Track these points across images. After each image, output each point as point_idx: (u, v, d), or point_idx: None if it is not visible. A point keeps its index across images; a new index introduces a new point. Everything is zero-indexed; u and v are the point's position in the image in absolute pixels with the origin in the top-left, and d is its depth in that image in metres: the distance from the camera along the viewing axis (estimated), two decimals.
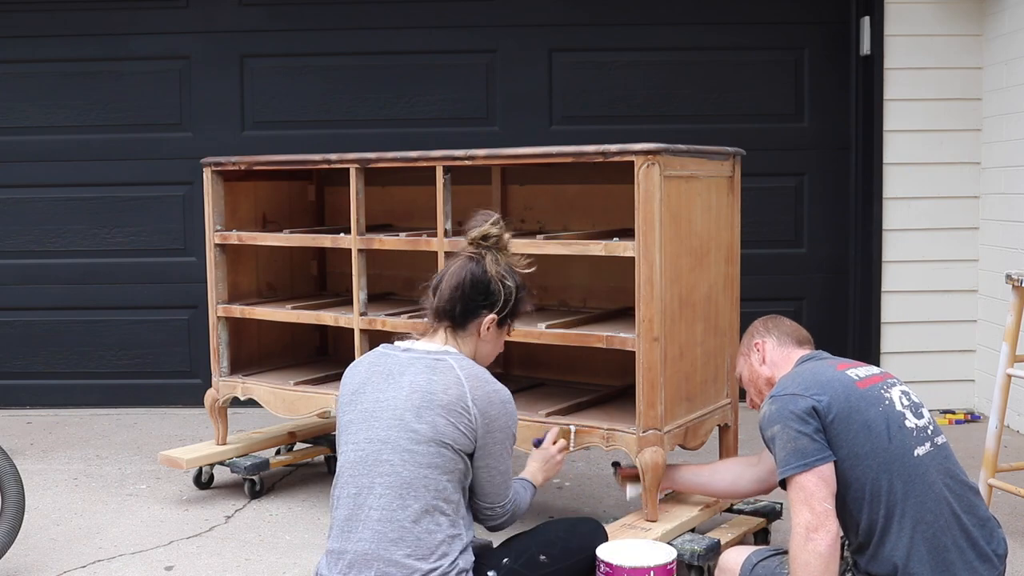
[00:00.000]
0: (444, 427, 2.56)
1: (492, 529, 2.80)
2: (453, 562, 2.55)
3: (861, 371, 2.58)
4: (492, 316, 2.74)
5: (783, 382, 2.59)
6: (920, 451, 2.45)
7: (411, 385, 2.62)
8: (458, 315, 2.73)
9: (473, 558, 2.63)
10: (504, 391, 2.68)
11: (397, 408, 2.60)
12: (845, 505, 2.44)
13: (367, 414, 2.64)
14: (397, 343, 2.78)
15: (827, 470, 2.41)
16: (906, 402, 2.53)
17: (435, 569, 2.52)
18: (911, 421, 2.49)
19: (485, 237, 2.79)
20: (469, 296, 2.73)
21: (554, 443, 3.21)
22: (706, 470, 3.38)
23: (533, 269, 2.86)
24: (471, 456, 2.63)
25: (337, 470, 2.69)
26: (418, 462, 2.55)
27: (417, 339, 2.79)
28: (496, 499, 2.72)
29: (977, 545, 2.42)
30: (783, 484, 2.46)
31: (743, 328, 3.15)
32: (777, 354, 2.81)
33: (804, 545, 2.35)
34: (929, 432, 2.51)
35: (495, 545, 2.81)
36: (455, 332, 2.75)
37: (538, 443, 3.24)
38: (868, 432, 2.43)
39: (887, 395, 2.52)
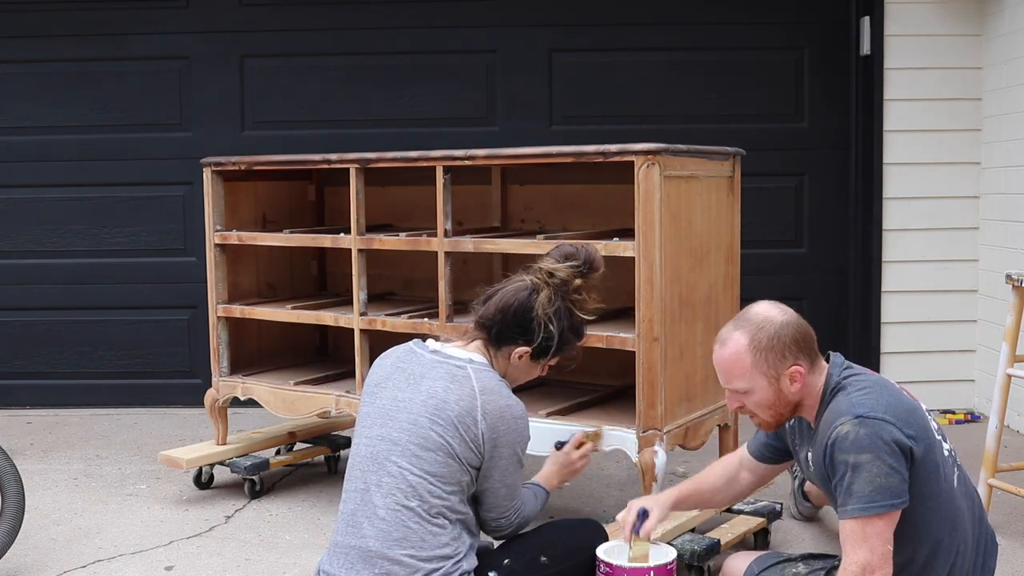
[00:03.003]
0: (452, 439, 2.57)
1: (496, 538, 2.79)
2: (457, 563, 2.55)
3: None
4: (526, 350, 2.71)
5: (861, 397, 2.33)
6: (955, 481, 2.40)
7: (429, 391, 2.61)
8: (494, 336, 2.72)
9: (476, 562, 2.63)
10: (518, 407, 2.65)
11: (413, 411, 2.61)
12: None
13: (384, 411, 2.65)
14: (428, 342, 2.76)
15: (899, 513, 2.28)
16: (935, 425, 2.43)
17: (437, 570, 2.52)
18: (945, 448, 2.41)
19: (552, 274, 2.73)
20: (510, 323, 2.70)
21: (578, 447, 3.05)
22: (694, 492, 2.91)
23: (595, 317, 2.80)
24: (478, 469, 2.63)
25: (349, 461, 2.70)
26: (424, 469, 2.56)
27: (450, 340, 2.78)
28: (500, 512, 2.70)
29: (979, 564, 2.43)
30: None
31: None
32: (810, 376, 2.46)
33: None
34: (955, 457, 2.45)
35: (496, 546, 2.81)
36: (490, 346, 2.74)
37: (560, 445, 3.07)
38: (936, 475, 2.32)
39: (933, 424, 2.40)
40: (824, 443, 2.35)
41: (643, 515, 2.74)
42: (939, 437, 2.41)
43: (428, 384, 2.62)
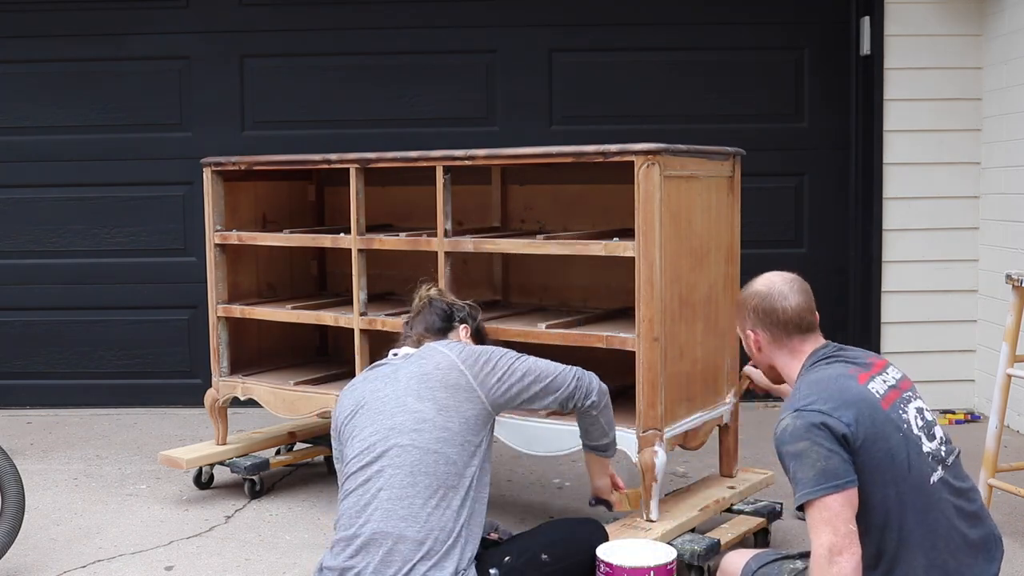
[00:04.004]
0: (445, 400, 2.69)
1: (592, 407, 3.02)
2: (458, 537, 2.57)
3: (880, 384, 2.46)
4: (466, 326, 3.19)
5: (805, 392, 2.42)
6: (934, 478, 2.40)
7: (407, 376, 2.77)
8: (437, 333, 3.09)
9: (480, 537, 2.65)
10: (488, 347, 2.95)
11: (398, 396, 2.73)
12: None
13: (372, 412, 2.70)
14: (389, 353, 2.99)
15: (853, 493, 2.31)
16: (921, 423, 2.45)
17: (445, 543, 2.54)
18: (927, 446, 2.42)
19: (418, 293, 3.27)
20: (439, 319, 3.15)
21: (615, 488, 3.29)
22: None
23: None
24: (490, 413, 2.77)
25: (345, 469, 2.72)
26: (425, 439, 2.63)
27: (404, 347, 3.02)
28: (559, 392, 2.93)
29: (979, 565, 2.43)
30: (802, 506, 2.36)
31: None
32: (775, 349, 2.61)
33: (828, 568, 2.25)
34: (942, 454, 2.45)
35: (498, 544, 2.82)
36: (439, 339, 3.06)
37: (595, 502, 3.34)
38: (891, 461, 2.35)
39: (906, 416, 2.43)
40: (774, 442, 2.42)
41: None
42: (918, 433, 2.42)
43: (404, 372, 2.81)
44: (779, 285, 2.61)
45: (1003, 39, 5.32)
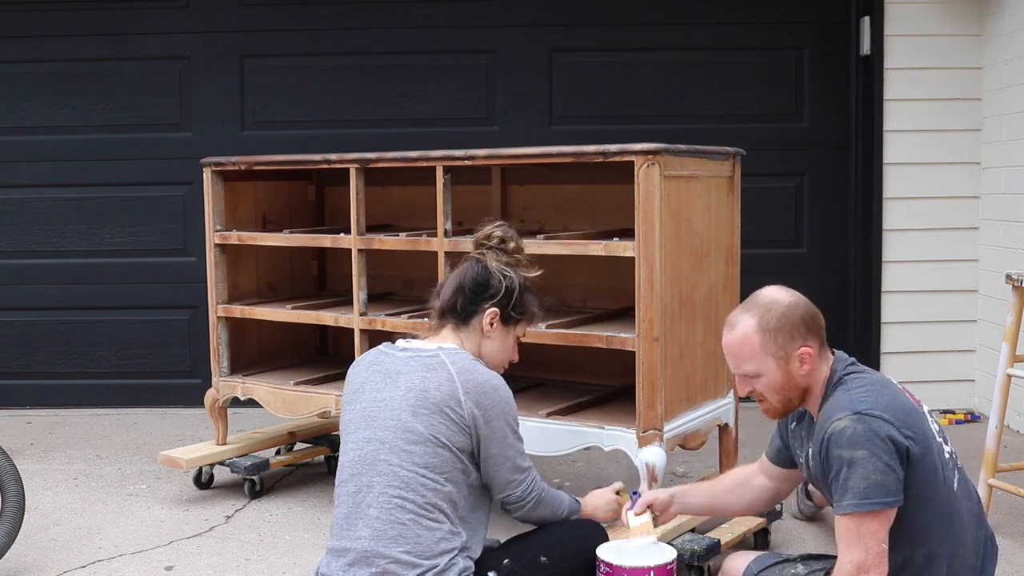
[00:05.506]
0: (439, 426, 2.58)
1: (519, 517, 2.77)
2: (452, 560, 2.55)
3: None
4: (493, 309, 2.77)
5: (861, 394, 2.31)
6: (955, 484, 2.38)
7: (407, 385, 2.64)
8: (460, 311, 2.77)
9: (476, 556, 2.63)
10: (496, 379, 2.68)
11: (395, 408, 2.62)
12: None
13: (365, 414, 2.67)
14: (398, 342, 2.80)
15: (895, 512, 2.26)
16: (936, 427, 2.41)
17: (435, 567, 2.53)
18: (946, 452, 2.39)
19: (488, 237, 2.85)
20: (470, 290, 2.77)
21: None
22: (705, 487, 2.89)
23: (539, 272, 2.90)
24: (475, 453, 2.63)
25: (338, 468, 2.71)
26: (415, 462, 2.56)
27: (419, 339, 2.81)
28: (512, 485, 2.69)
29: (984, 567, 2.43)
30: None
31: None
32: (820, 361, 2.44)
33: None
34: (956, 459, 2.43)
35: (501, 543, 2.81)
36: (458, 329, 2.79)
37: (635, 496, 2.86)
38: (933, 476, 2.30)
39: (933, 426, 2.38)
40: (821, 437, 2.33)
41: (635, 496, 2.78)
42: (940, 440, 2.40)
43: (405, 379, 2.65)
44: (796, 293, 2.51)
45: (1003, 39, 5.32)
